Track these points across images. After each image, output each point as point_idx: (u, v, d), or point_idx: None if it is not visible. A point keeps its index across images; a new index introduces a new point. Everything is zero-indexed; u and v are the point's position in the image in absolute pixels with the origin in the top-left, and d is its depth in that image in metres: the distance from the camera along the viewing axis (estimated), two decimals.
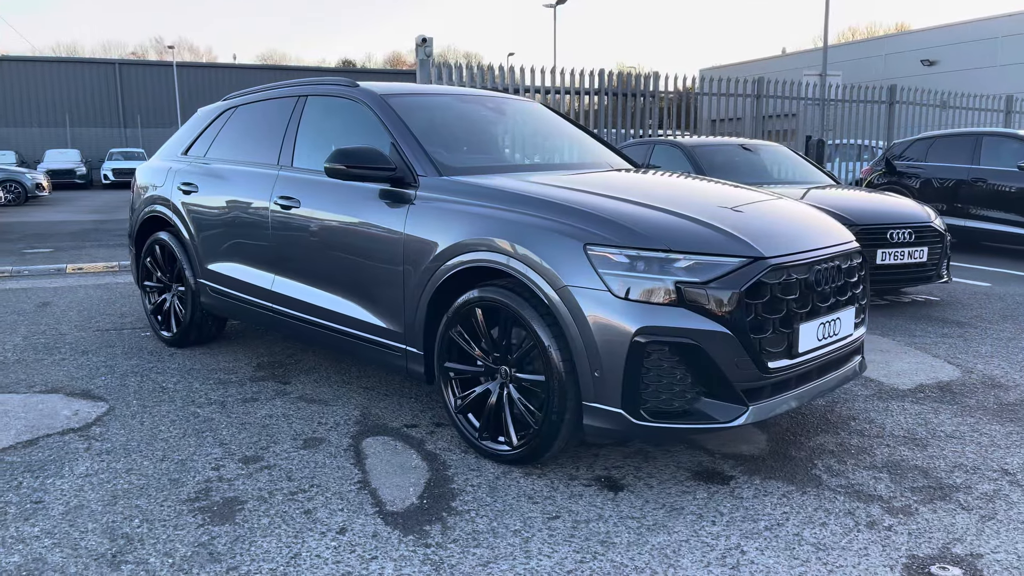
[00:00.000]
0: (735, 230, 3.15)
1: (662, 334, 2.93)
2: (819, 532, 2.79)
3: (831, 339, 3.33)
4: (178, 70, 44.78)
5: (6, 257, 10.56)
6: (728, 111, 14.30)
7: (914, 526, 2.84)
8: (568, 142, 4.74)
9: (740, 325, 2.96)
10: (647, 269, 2.97)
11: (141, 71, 46.53)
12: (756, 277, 2.99)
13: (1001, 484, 3.18)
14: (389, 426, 3.84)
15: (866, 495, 3.09)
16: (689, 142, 8.35)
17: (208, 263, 4.89)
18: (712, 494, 3.10)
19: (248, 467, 3.35)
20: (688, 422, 3.01)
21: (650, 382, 2.96)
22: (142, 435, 3.72)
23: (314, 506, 2.99)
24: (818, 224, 3.58)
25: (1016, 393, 4.34)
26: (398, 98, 4.15)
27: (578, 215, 3.17)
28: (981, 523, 2.86)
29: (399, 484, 3.19)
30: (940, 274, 6.77)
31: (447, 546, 2.70)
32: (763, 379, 3.06)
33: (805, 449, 3.56)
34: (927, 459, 3.44)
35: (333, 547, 2.69)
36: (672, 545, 2.71)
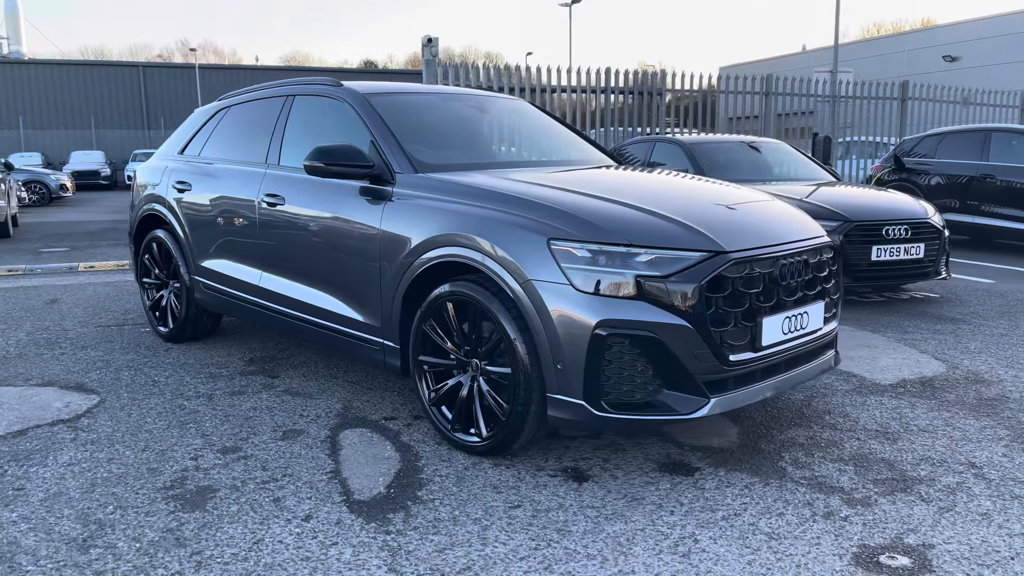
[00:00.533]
0: (698, 224, 3.19)
1: (622, 327, 2.98)
2: (775, 522, 2.83)
3: (798, 333, 3.36)
4: (200, 72, 45.27)
5: (23, 256, 10.78)
6: (745, 109, 14.26)
7: (870, 517, 2.87)
8: (552, 140, 4.80)
9: (700, 318, 3.00)
10: (608, 263, 3.02)
11: (164, 73, 47.11)
12: (716, 271, 3.03)
13: (966, 477, 3.20)
14: (368, 418, 3.92)
15: (828, 487, 3.12)
16: (688, 139, 8.37)
17: (201, 260, 5.00)
18: (675, 485, 3.15)
19: (225, 457, 3.44)
20: (650, 413, 3.06)
21: (611, 374, 3.01)
22: (128, 426, 3.82)
23: (284, 494, 3.07)
24: (786, 219, 3.61)
25: (997, 388, 4.34)
26: (380, 97, 4.23)
27: (543, 210, 3.22)
28: (938, 515, 2.88)
29: (369, 474, 3.26)
30: (938, 270, 6.75)
31: (407, 533, 2.77)
32: (725, 372, 3.10)
33: (775, 442, 3.59)
34: (895, 452, 3.46)
35: (296, 533, 2.77)
36: (627, 533, 2.76)
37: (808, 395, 4.23)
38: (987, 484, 3.13)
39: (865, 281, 6.49)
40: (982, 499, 3.00)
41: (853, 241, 6.35)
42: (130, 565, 2.57)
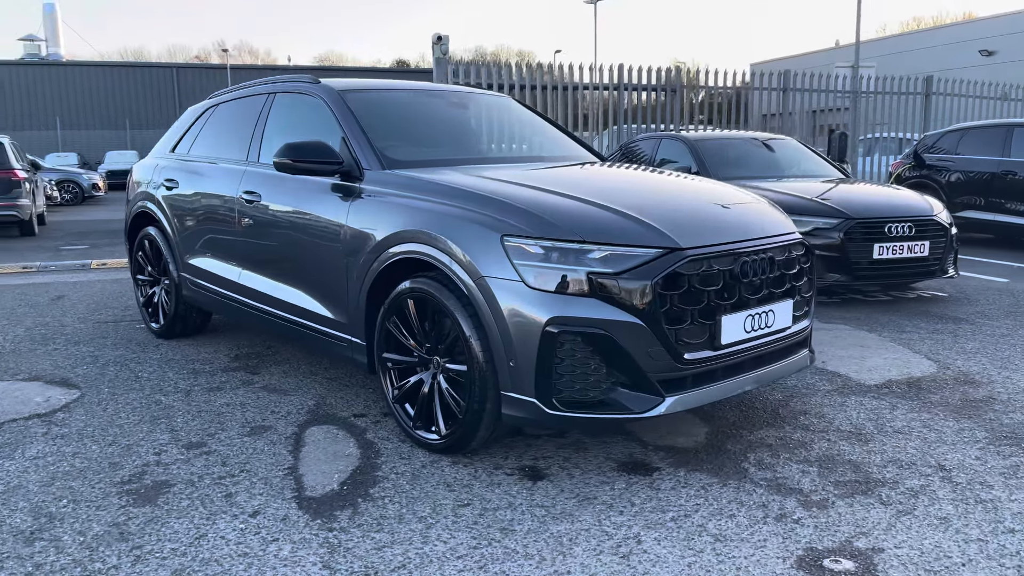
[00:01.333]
0: (656, 221, 3.14)
1: (574, 324, 2.94)
2: (724, 524, 2.78)
3: (762, 331, 3.30)
4: (232, 72, 45.83)
5: (42, 253, 10.99)
6: (775, 106, 14.07)
7: (824, 519, 2.80)
8: (533, 137, 4.77)
9: (653, 316, 2.95)
10: (561, 260, 2.99)
11: (197, 74, 47.80)
12: (671, 268, 2.98)
13: (932, 480, 3.11)
14: (338, 415, 3.92)
15: (787, 488, 3.05)
16: (693, 136, 8.27)
17: (188, 257, 5.04)
18: (630, 485, 3.10)
19: (189, 452, 3.46)
20: (603, 412, 3.02)
21: (564, 372, 2.98)
22: (100, 421, 3.86)
23: (237, 490, 3.08)
24: (753, 215, 3.54)
25: (985, 390, 4.22)
26: (355, 94, 4.23)
27: (499, 207, 3.19)
28: (895, 518, 2.81)
29: (326, 471, 3.26)
30: (945, 269, 6.60)
31: (350, 530, 2.76)
32: (681, 370, 3.05)
33: (743, 442, 3.53)
34: (864, 454, 3.38)
35: (240, 529, 2.77)
36: (571, 533, 2.72)
37: (787, 395, 4.16)
38: (953, 488, 3.04)
39: (866, 280, 6.36)
40: (944, 503, 2.92)
41: (854, 239, 6.23)
42: (70, 558, 2.59)
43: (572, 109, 12.54)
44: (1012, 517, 2.80)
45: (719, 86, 13.54)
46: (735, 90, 13.81)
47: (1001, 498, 2.95)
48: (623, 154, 9.23)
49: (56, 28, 52.67)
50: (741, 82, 13.82)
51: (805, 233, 5.99)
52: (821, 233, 6.25)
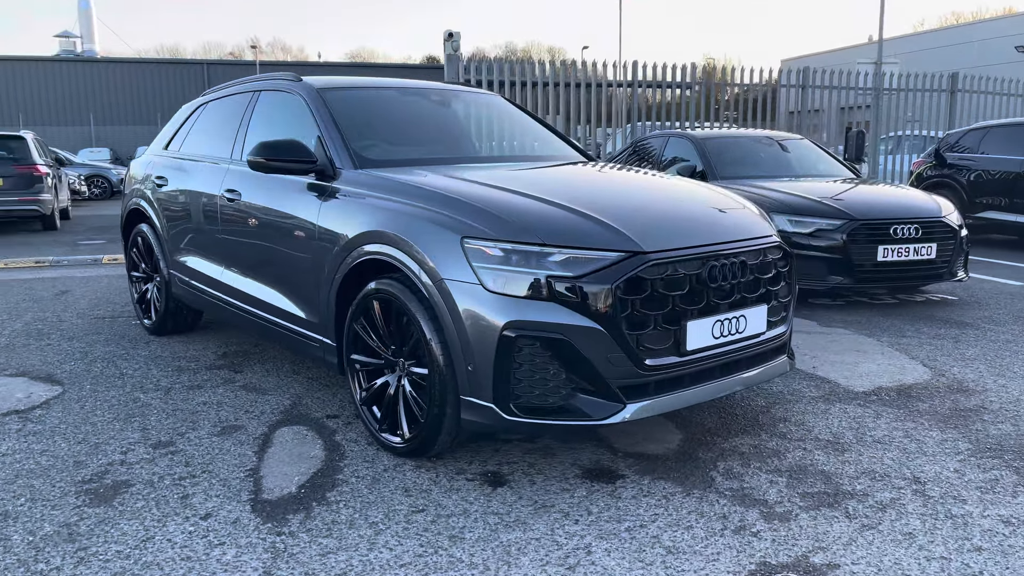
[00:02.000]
0: (620, 224, 3.07)
1: (531, 328, 2.89)
2: (680, 536, 2.70)
3: (733, 337, 3.21)
4: (260, 69, 46.18)
5: (59, 247, 11.15)
6: (798, 103, 13.85)
7: (783, 533, 2.72)
8: (517, 136, 4.71)
9: (613, 321, 2.89)
10: (520, 263, 2.93)
11: (228, 70, 48.15)
12: (632, 272, 2.91)
13: (904, 493, 3.01)
14: (311, 416, 3.90)
15: (752, 499, 2.97)
16: (700, 134, 8.15)
17: (176, 254, 5.05)
18: (591, 492, 3.04)
19: (155, 452, 3.45)
20: (561, 419, 2.96)
21: (522, 377, 2.92)
22: (75, 418, 3.87)
23: (194, 491, 3.06)
24: (726, 217, 3.45)
25: (978, 398, 4.09)
26: (334, 92, 4.20)
27: (462, 208, 3.14)
28: (857, 533, 2.71)
29: (287, 473, 3.23)
30: (953, 272, 6.43)
31: (299, 535, 2.72)
32: (643, 376, 2.98)
33: (715, 450, 3.44)
34: (838, 464, 3.28)
35: (188, 532, 2.75)
36: (520, 543, 2.66)
37: (770, 401, 4.06)
38: (924, 501, 2.94)
39: (870, 282, 6.22)
40: (912, 517, 2.82)
41: (858, 240, 6.09)
42: (15, 558, 2.58)
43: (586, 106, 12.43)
44: (981, 534, 2.70)
45: (744, 83, 13.35)
46: (760, 87, 13.60)
47: (973, 514, 2.84)
48: (633, 151, 9.12)
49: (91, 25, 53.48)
50: (764, 79, 13.60)
51: (807, 234, 5.94)
52: (823, 234, 6.13)
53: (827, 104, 13.99)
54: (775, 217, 6.18)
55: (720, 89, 13.49)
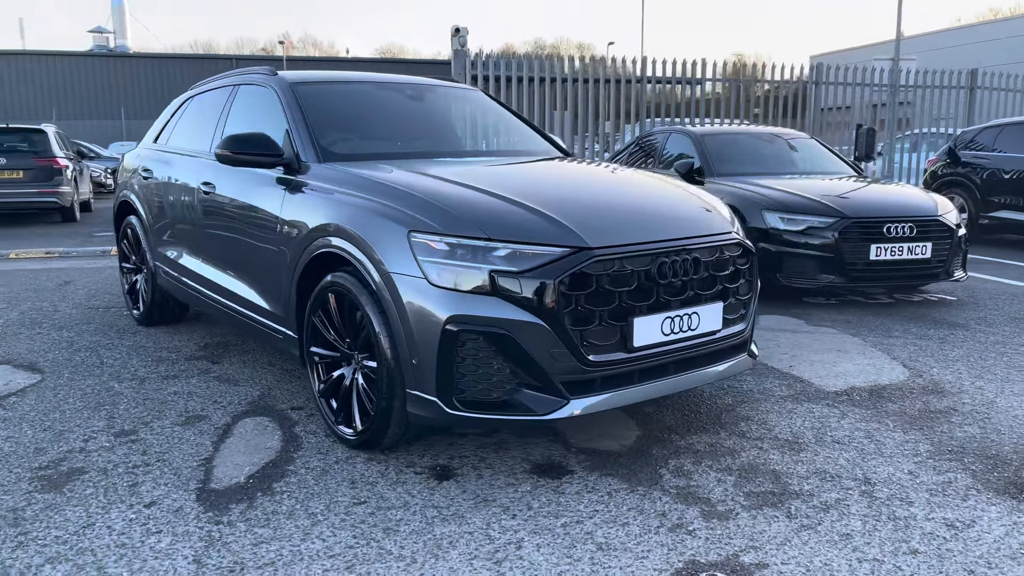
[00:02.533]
0: (568, 219, 3.06)
1: (474, 323, 2.89)
2: (614, 532, 2.69)
3: (684, 334, 3.19)
4: (288, 64, 46.54)
5: (74, 238, 11.33)
6: (838, 100, 13.68)
7: (720, 531, 2.70)
8: (491, 131, 4.71)
9: (556, 316, 2.88)
10: (465, 257, 2.93)
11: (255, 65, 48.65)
12: (576, 268, 2.90)
13: (850, 494, 2.98)
14: (276, 407, 3.93)
15: (695, 497, 2.95)
16: (699, 130, 8.09)
17: (160, 246, 5.12)
18: (536, 487, 3.04)
19: (116, 440, 3.50)
20: (504, 413, 2.96)
21: (466, 371, 2.93)
22: (46, 406, 3.94)
23: (145, 480, 3.10)
24: (679, 213, 3.43)
25: (951, 400, 4.03)
26: (306, 86, 4.22)
27: (411, 202, 3.15)
28: (794, 533, 2.69)
29: (239, 463, 3.27)
30: (949, 272, 6.33)
31: (236, 524, 2.75)
32: (587, 372, 2.97)
33: (670, 447, 3.42)
34: (791, 464, 3.25)
35: (129, 520, 2.79)
36: (454, 536, 2.67)
37: (737, 399, 4.03)
38: (870, 503, 2.90)
39: (862, 282, 6.14)
40: (853, 519, 2.79)
41: (849, 239, 6.02)
42: None
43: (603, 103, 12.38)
44: (921, 537, 2.66)
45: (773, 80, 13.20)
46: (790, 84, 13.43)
47: (917, 516, 2.80)
48: (638, 147, 9.06)
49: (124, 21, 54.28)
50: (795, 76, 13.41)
51: (799, 232, 5.88)
52: (815, 232, 6.06)
53: (856, 101, 13.80)
54: (767, 215, 6.14)
55: (749, 86, 13.33)
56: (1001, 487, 3.04)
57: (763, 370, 4.53)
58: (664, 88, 13.10)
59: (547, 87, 11.62)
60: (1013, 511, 2.84)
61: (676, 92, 12.86)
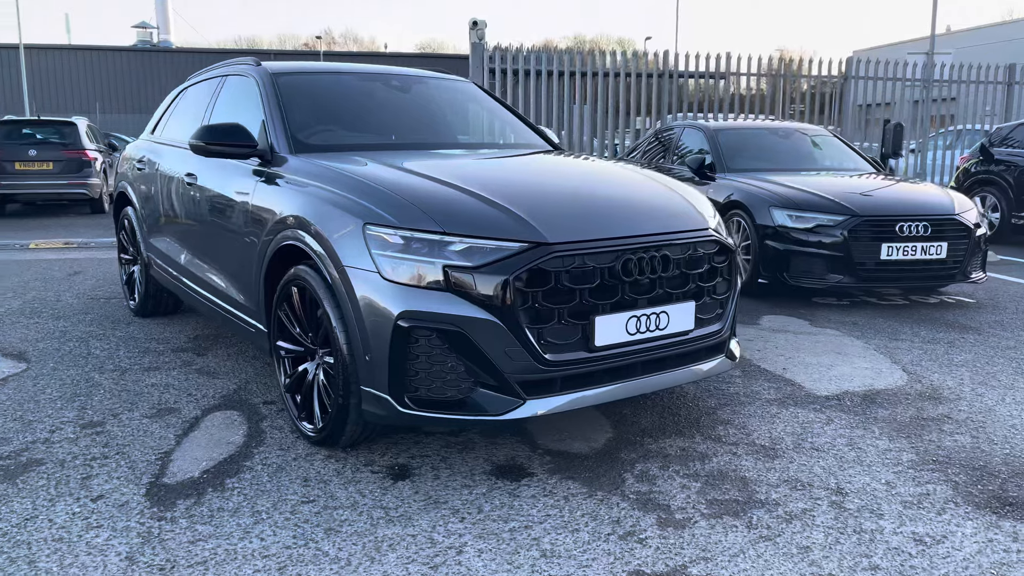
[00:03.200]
0: (528, 213, 2.95)
1: (426, 320, 2.80)
2: (562, 539, 2.59)
3: (651, 334, 3.07)
4: (324, 59, 46.86)
5: (97, 229, 11.47)
6: (877, 96, 13.35)
7: (672, 541, 2.58)
8: (479, 124, 4.61)
9: (511, 313, 2.78)
10: (419, 251, 2.85)
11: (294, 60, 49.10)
12: (532, 264, 2.80)
13: (819, 504, 2.84)
14: (249, 401, 3.89)
15: (655, 504, 2.83)
16: (712, 125, 7.90)
17: (150, 237, 5.11)
18: (491, 489, 2.95)
19: (82, 431, 3.48)
20: (457, 413, 2.87)
21: (419, 369, 2.84)
22: (23, 396, 3.94)
23: (99, 473, 3.07)
24: (648, 208, 3.30)
25: (946, 407, 3.85)
26: (287, 76, 4.17)
27: (370, 194, 3.07)
28: (750, 544, 2.56)
29: (197, 457, 3.22)
30: (966, 273, 6.09)
31: (178, 520, 2.70)
32: (545, 372, 2.87)
33: (640, 451, 3.31)
34: (763, 471, 3.11)
35: (73, 513, 2.75)
36: (394, 539, 2.59)
37: (721, 402, 3.89)
38: (837, 514, 2.76)
39: (872, 282, 5.93)
40: (816, 531, 2.65)
41: (859, 237, 5.81)
42: None
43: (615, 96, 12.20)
44: (884, 553, 2.52)
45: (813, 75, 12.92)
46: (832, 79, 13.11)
47: (885, 529, 2.66)
48: (656, 141, 8.89)
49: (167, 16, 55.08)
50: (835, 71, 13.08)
51: (807, 230, 5.70)
52: (823, 230, 5.87)
53: (896, 97, 13.43)
54: (774, 211, 5.97)
55: (788, 81, 13.03)
56: (982, 501, 2.88)
57: (754, 372, 4.39)
58: (699, 83, 12.91)
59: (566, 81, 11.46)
60: (990, 527, 2.68)
61: (712, 87, 12.61)
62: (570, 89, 11.55)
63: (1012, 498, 2.90)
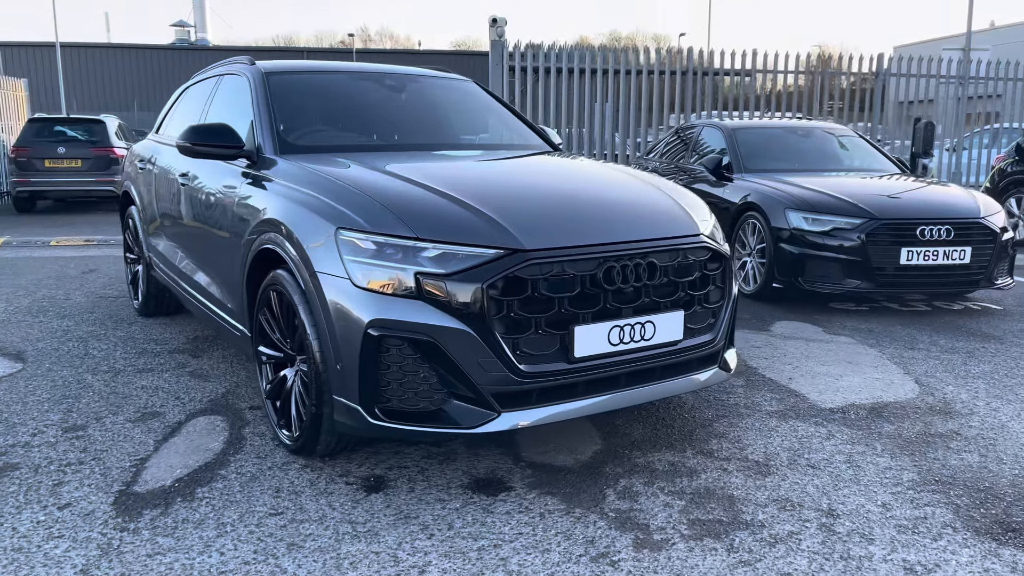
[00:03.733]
0: (506, 218, 2.85)
1: (397, 328, 2.71)
2: (531, 560, 2.48)
3: (636, 345, 2.95)
4: (357, 56, 47.06)
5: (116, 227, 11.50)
6: (919, 93, 13.02)
7: (646, 563, 2.46)
8: (476, 124, 4.50)
9: (484, 323, 2.68)
10: (392, 257, 2.76)
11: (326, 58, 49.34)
12: (508, 271, 2.70)
13: (808, 526, 2.69)
14: (235, 406, 3.83)
15: (633, 524, 2.71)
16: (732, 124, 7.71)
17: (150, 237, 5.09)
18: (466, 504, 2.84)
19: (63, 435, 3.44)
20: (429, 425, 2.78)
21: (391, 379, 2.75)
22: (13, 397, 3.92)
23: (71, 479, 3.02)
24: (634, 213, 3.17)
25: (956, 423, 3.67)
26: (280, 76, 4.10)
27: (344, 197, 2.99)
28: (728, 570, 2.43)
29: (173, 464, 3.16)
30: (991, 279, 5.86)
31: (140, 532, 2.64)
32: (520, 384, 2.76)
33: (627, 465, 3.18)
34: (752, 490, 2.97)
35: (37, 522, 2.70)
36: (356, 556, 2.50)
37: (718, 413, 3.75)
38: (826, 537, 2.62)
39: (891, 288, 5.72)
40: (800, 556, 2.51)
41: (878, 241, 5.61)
42: None
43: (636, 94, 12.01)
44: None
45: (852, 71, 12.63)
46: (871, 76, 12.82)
47: (874, 556, 2.51)
48: (677, 139, 8.70)
49: (204, 15, 55.74)
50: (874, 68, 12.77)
51: (823, 233, 5.52)
52: (840, 234, 5.68)
53: (940, 95, 13.08)
54: (790, 214, 5.80)
55: (829, 78, 12.74)
56: (984, 526, 2.71)
57: (758, 381, 4.23)
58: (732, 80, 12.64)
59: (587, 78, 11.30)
60: (988, 555, 2.52)
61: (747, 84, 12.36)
62: (591, 87, 11.39)
63: (1016, 523, 2.73)
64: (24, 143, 13.77)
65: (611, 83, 11.63)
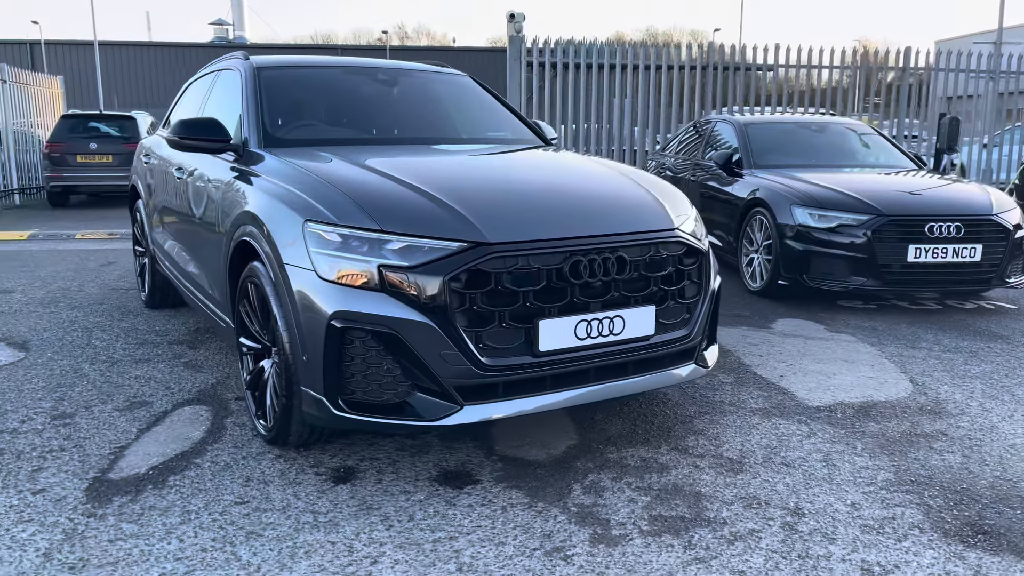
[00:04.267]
0: (470, 210, 2.85)
1: (359, 320, 2.73)
2: (485, 553, 2.49)
3: (604, 339, 2.93)
4: (391, 54, 47.32)
5: None
6: (962, 88, 12.78)
7: (600, 559, 2.45)
8: (465, 118, 4.49)
9: (446, 315, 2.69)
10: (357, 249, 2.78)
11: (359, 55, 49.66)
12: (470, 264, 2.70)
13: (770, 524, 2.66)
14: (222, 397, 3.88)
15: (594, 518, 2.70)
16: (743, 119, 7.62)
17: (153, 230, 5.17)
18: (430, 496, 2.86)
19: (51, 423, 3.52)
20: (392, 417, 2.79)
21: (355, 371, 2.77)
22: (9, 385, 4.01)
23: (50, 465, 3.09)
24: (606, 206, 3.14)
25: (945, 423, 3.60)
26: (271, 71, 4.14)
27: (316, 190, 3.01)
28: (681, 567, 2.41)
29: (151, 452, 3.22)
30: (1003, 278, 5.73)
31: (107, 518, 2.69)
32: (484, 377, 2.76)
33: (598, 460, 3.17)
34: (720, 487, 2.94)
35: (9, 506, 2.76)
36: (312, 546, 2.52)
37: (700, 410, 3.72)
38: (786, 536, 2.59)
39: (898, 286, 5.61)
40: (757, 554, 2.48)
41: (884, 238, 5.51)
42: None
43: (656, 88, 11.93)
44: None
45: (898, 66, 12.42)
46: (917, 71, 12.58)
47: (832, 556, 2.47)
48: (695, 133, 8.63)
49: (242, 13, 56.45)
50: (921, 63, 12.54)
51: (829, 229, 5.44)
52: (846, 230, 5.58)
53: (983, 90, 12.80)
54: (795, 210, 5.73)
55: (874, 73, 12.53)
56: (953, 528, 2.66)
57: (748, 378, 4.18)
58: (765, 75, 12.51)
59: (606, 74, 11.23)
60: (952, 558, 2.47)
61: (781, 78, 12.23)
62: (609, 82, 11.33)
63: (988, 526, 2.67)
64: (57, 139, 14.07)
65: (630, 78, 11.55)
